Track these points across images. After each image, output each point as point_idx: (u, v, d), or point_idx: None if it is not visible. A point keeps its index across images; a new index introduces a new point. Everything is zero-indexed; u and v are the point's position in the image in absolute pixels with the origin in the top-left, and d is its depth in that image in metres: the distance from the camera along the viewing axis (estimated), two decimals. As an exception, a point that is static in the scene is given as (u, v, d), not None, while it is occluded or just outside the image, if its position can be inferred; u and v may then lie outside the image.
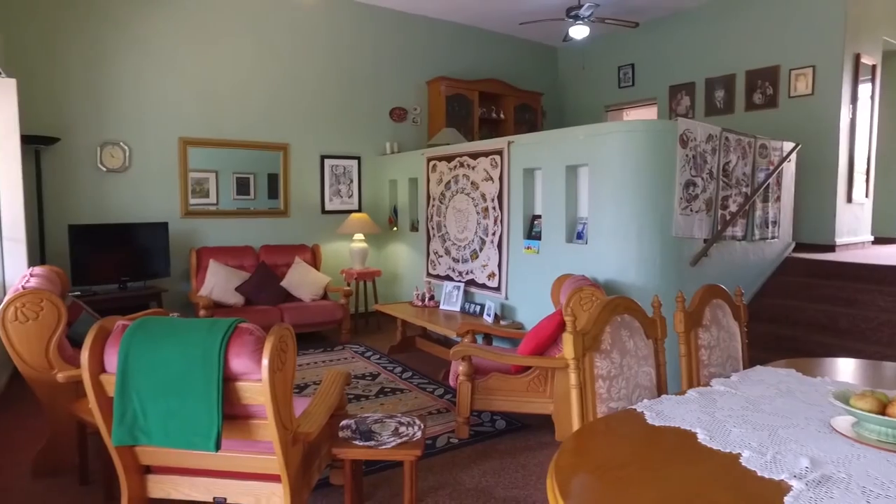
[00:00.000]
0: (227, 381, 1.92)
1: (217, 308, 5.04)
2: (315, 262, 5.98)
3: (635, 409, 1.67)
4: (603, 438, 1.56)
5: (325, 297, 5.74)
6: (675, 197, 3.96)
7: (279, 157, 6.17)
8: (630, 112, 7.88)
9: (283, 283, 5.55)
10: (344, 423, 2.48)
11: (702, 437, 1.45)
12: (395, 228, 6.63)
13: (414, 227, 6.25)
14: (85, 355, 1.95)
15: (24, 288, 2.78)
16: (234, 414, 2.02)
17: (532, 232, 4.73)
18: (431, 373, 4.61)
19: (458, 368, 3.38)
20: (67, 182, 5.06)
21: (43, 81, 4.93)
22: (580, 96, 8.29)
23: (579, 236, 4.37)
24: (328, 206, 6.50)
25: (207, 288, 5.20)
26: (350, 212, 6.51)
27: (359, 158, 6.67)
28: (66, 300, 3.42)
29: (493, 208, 4.93)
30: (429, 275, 5.79)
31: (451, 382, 3.52)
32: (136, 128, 5.41)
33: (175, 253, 5.42)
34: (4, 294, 4.23)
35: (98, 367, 1.99)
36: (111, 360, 2.00)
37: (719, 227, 4.34)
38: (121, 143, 5.35)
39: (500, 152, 4.84)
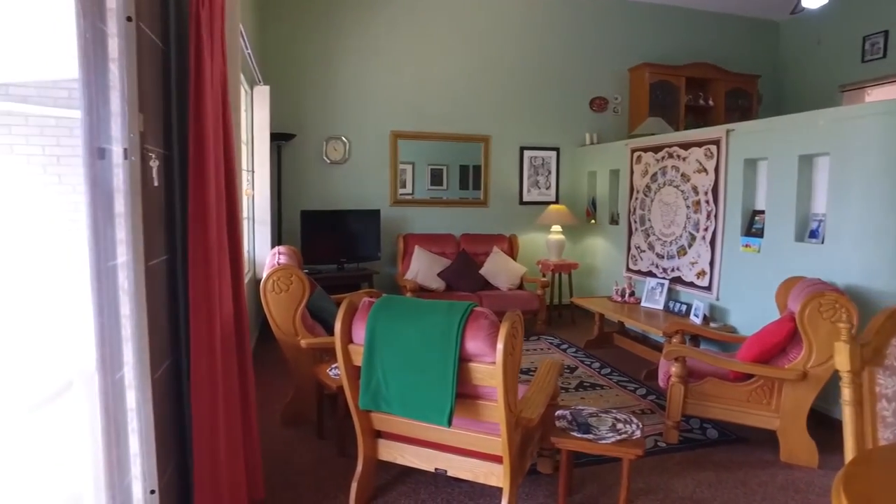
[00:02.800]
0: (461, 361, 2.02)
1: (421, 292, 5.37)
2: (512, 251, 6.07)
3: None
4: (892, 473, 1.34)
5: (521, 286, 5.81)
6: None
7: (475, 148, 6.36)
8: (873, 91, 6.73)
9: (482, 271, 5.72)
10: (559, 412, 2.47)
11: None
12: (592, 221, 6.47)
13: (614, 220, 6.04)
14: (337, 326, 2.19)
15: (278, 264, 3.20)
16: (462, 393, 2.12)
17: (752, 229, 4.28)
18: (631, 371, 4.43)
19: (671, 369, 3.18)
20: (299, 173, 5.75)
21: (285, 86, 5.64)
22: (807, 76, 7.28)
23: (813, 235, 3.85)
24: (526, 197, 6.56)
25: (413, 272, 5.56)
26: (547, 203, 6.50)
27: (557, 150, 6.62)
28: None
29: (707, 202, 4.55)
30: (629, 270, 5.56)
31: (661, 383, 3.34)
32: (355, 123, 5.95)
33: (384, 238, 5.88)
34: (252, 267, 4.96)
35: (347, 338, 2.22)
36: (358, 332, 2.21)
37: None
38: (342, 138, 5.93)
39: (716, 142, 4.45)
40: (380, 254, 5.82)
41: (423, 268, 5.60)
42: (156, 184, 1.73)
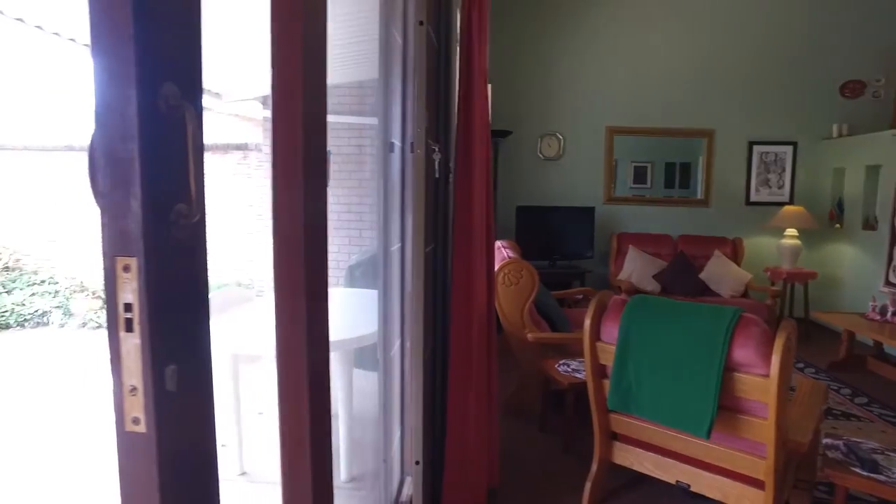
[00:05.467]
0: (725, 369, 1.87)
1: (635, 294, 5.14)
2: (735, 256, 5.53)
3: None
4: None
5: (745, 294, 5.27)
6: None
7: (691, 144, 5.90)
8: None
9: (702, 276, 5.31)
10: (828, 441, 2.17)
11: None
12: (837, 226, 5.64)
13: (869, 225, 5.18)
14: (586, 323, 2.17)
15: (508, 257, 3.29)
16: (721, 404, 1.96)
17: None
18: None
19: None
20: (515, 169, 5.85)
21: (502, 83, 5.78)
22: None
23: None
24: (753, 198, 5.93)
25: (626, 272, 5.35)
26: (778, 204, 5.80)
27: (794, 144, 5.87)
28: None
29: None
30: (888, 283, 4.73)
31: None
32: (570, 119, 5.89)
33: (597, 236, 5.74)
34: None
35: (595, 335, 2.19)
36: (606, 330, 2.17)
37: None
38: (556, 134, 5.91)
39: None
40: (591, 252, 5.69)
41: (637, 268, 5.37)
42: (437, 175, 1.86)
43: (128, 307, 0.51)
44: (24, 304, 6.49)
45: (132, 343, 0.51)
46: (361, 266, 3.44)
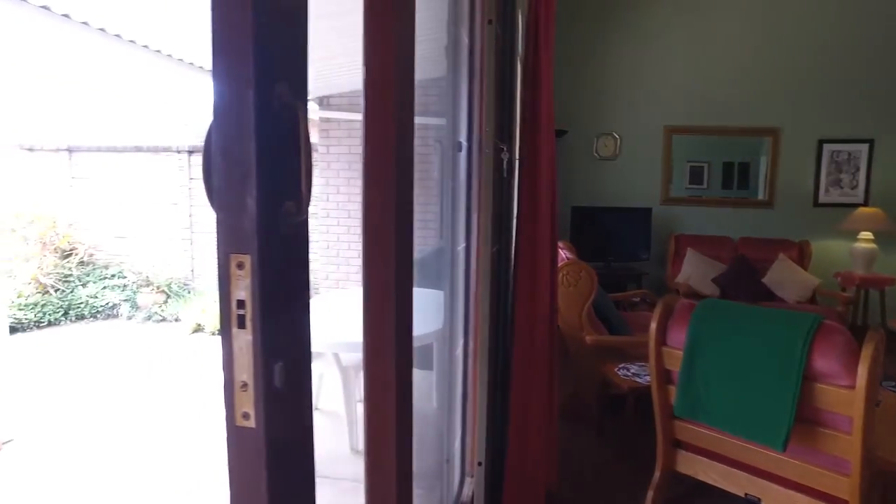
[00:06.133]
0: (803, 379, 1.78)
1: (694, 297, 4.98)
2: (802, 260, 5.29)
3: None
4: None
5: (812, 300, 5.03)
6: None
7: (753, 143, 5.67)
8: None
9: (765, 280, 5.10)
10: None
11: None
12: (917, 228, 5.31)
13: (952, 229, 4.86)
14: (653, 326, 2.11)
15: (567, 258, 3.24)
16: (799, 416, 1.87)
17: None
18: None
19: None
20: (570, 169, 5.77)
21: (559, 83, 5.68)
22: None
23: None
24: (823, 199, 5.65)
25: (684, 275, 5.20)
26: (851, 205, 5.51)
27: (871, 142, 5.56)
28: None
29: None
30: (975, 292, 4.42)
31: None
32: (626, 118, 5.76)
33: (653, 238, 5.59)
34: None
35: (661, 340, 2.12)
36: (672, 334, 2.10)
37: None
38: (613, 133, 5.79)
39: None
40: (650, 254, 5.55)
41: (695, 271, 5.20)
42: (505, 175, 1.85)
43: (240, 304, 0.51)
44: (96, 297, 6.82)
45: (244, 339, 0.52)
46: (418, 265, 3.46)
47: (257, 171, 0.49)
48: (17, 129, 7.59)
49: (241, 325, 0.51)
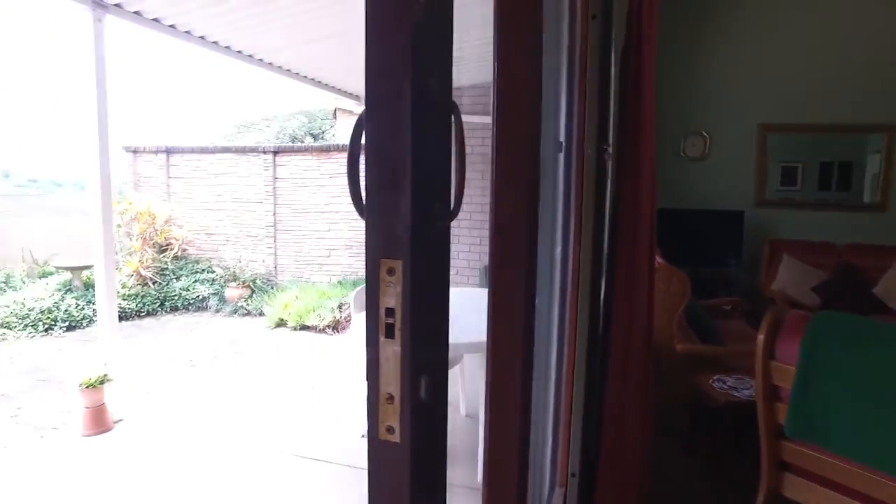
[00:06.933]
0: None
1: (791, 306, 4.66)
2: (918, 269, 4.83)
3: None
4: None
5: (930, 314, 4.59)
6: None
7: (853, 141, 5.24)
8: None
9: (876, 291, 4.69)
10: None
11: None
12: None
13: None
14: (760, 339, 1.96)
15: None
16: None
17: None
18: None
19: None
20: (656, 169, 5.53)
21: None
22: None
23: None
24: (944, 202, 5.14)
25: (780, 283, 4.87)
26: (976, 210, 4.99)
27: None
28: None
29: None
30: None
31: None
32: (717, 117, 5.47)
33: (745, 242, 5.28)
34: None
35: (769, 353, 1.98)
36: (782, 348, 1.95)
37: None
38: (702, 133, 5.51)
39: None
40: (742, 259, 5.24)
41: (792, 279, 4.87)
42: (609, 175, 1.77)
43: (389, 312, 0.49)
44: (188, 290, 7.21)
45: (392, 350, 0.49)
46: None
47: (413, 171, 0.46)
48: (122, 133, 8.12)
49: (390, 334, 0.49)
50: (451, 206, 0.52)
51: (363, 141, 0.49)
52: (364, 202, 0.49)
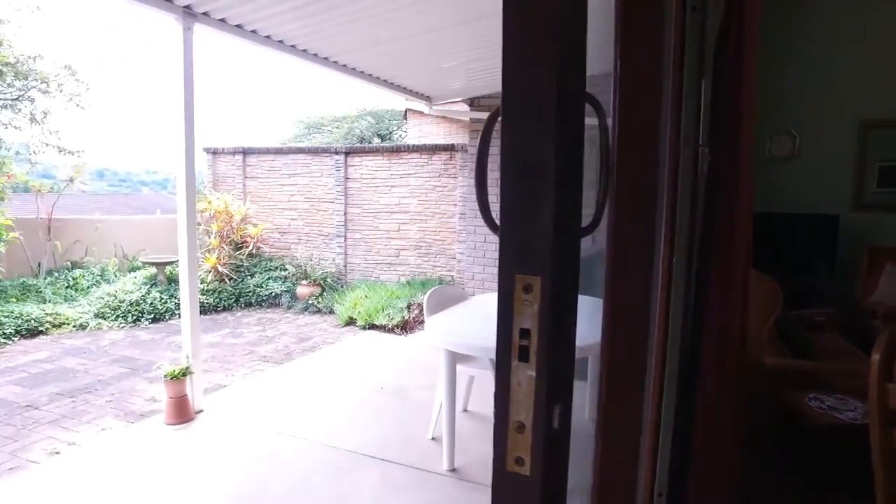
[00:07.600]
0: None
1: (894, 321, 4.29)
2: None
3: None
4: None
5: None
6: None
7: None
8: None
9: None
10: None
11: None
12: None
13: None
14: (875, 358, 1.79)
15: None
16: None
17: None
18: None
19: None
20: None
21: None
22: None
23: None
24: None
25: (881, 294, 4.50)
26: None
27: None
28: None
29: None
30: None
31: None
32: (808, 115, 5.12)
33: (839, 248, 4.91)
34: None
35: (886, 375, 1.80)
36: (900, 368, 1.77)
37: None
38: (791, 131, 5.18)
39: None
40: (832, 267, 4.89)
41: (894, 289, 4.48)
42: (704, 178, 1.66)
43: (523, 333, 0.44)
44: (262, 287, 7.46)
45: (525, 374, 0.44)
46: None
47: (556, 178, 0.42)
48: (202, 134, 8.51)
49: (524, 357, 0.44)
50: (589, 216, 0.47)
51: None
52: (488, 210, 0.45)
